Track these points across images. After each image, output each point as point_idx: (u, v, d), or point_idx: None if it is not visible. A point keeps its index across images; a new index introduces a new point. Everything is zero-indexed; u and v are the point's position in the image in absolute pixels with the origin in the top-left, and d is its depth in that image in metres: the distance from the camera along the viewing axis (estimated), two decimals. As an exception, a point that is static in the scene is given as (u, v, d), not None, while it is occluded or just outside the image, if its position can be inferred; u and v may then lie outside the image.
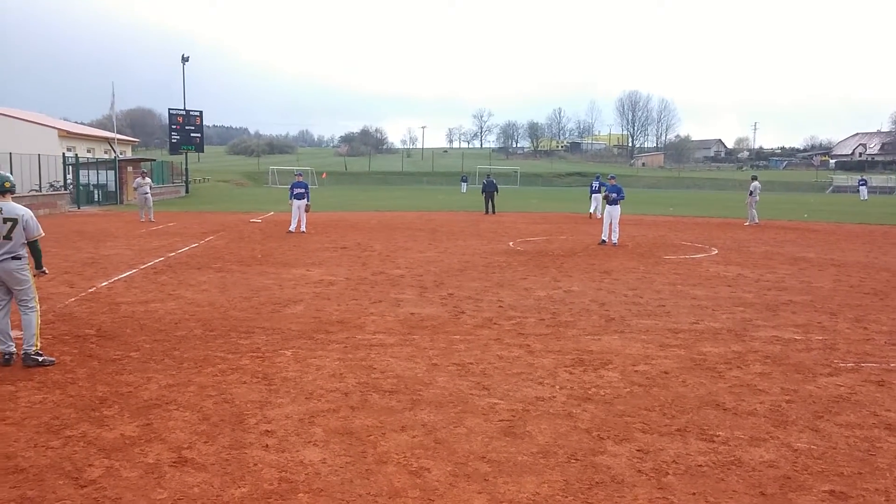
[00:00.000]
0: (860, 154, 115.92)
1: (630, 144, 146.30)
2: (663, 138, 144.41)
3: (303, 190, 20.51)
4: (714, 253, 16.66)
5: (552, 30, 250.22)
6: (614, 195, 17.91)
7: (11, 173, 27.96)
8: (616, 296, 10.57)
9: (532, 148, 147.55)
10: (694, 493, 4.11)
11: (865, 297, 10.80)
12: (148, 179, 25.58)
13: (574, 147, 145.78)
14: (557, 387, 6.08)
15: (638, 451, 4.73)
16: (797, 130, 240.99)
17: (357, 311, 9.12)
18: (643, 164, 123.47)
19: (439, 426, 5.08)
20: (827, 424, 5.26)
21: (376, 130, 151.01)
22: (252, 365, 6.57)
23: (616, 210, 17.83)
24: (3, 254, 6.40)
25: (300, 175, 21.61)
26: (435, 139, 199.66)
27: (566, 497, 4.03)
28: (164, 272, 12.39)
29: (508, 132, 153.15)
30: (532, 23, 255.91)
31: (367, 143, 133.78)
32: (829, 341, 7.84)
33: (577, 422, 5.25)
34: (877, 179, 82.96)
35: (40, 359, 6.44)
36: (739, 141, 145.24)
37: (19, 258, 6.48)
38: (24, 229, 6.43)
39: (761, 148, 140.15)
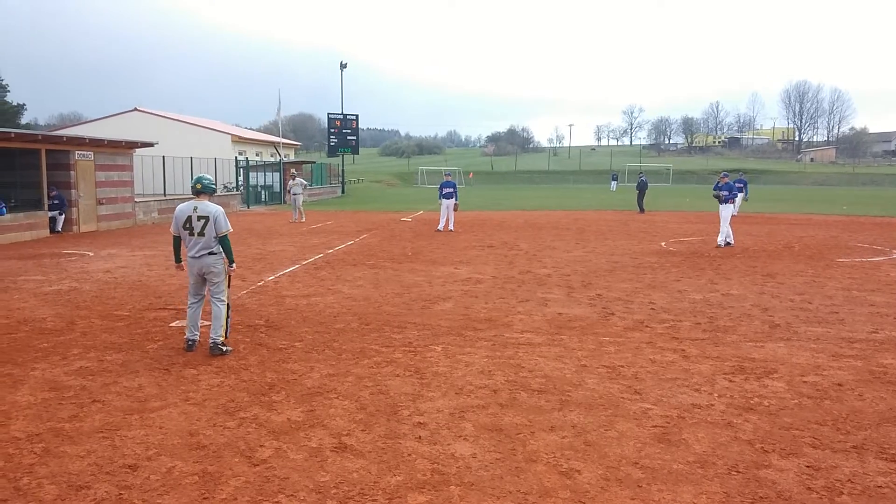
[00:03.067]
0: None
1: (797, 139, 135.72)
2: (835, 131, 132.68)
3: (451, 189, 20.95)
4: (896, 256, 15.08)
5: (708, 21, 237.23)
6: (725, 193, 16.71)
7: (192, 175, 30.63)
8: (781, 301, 9.87)
9: (686, 144, 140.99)
10: (874, 518, 3.77)
11: None
12: (299, 180, 26.20)
13: (733, 142, 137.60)
14: (716, 395, 5.78)
15: (807, 466, 4.40)
16: None
17: (504, 310, 9.18)
18: (811, 160, 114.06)
19: (589, 428, 5.00)
20: None
21: (522, 130, 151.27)
22: (405, 358, 6.82)
23: (725, 210, 16.61)
24: (199, 250, 6.99)
25: (449, 175, 22.09)
26: (582, 137, 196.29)
27: (726, 510, 3.83)
28: (324, 268, 13.14)
29: (660, 128, 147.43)
30: (688, 14, 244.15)
31: (513, 142, 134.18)
32: None
33: (739, 432, 4.96)
34: None
35: (224, 349, 7.03)
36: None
37: (214, 253, 7.02)
38: (214, 225, 6.96)
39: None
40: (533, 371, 6.39)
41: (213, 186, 7.20)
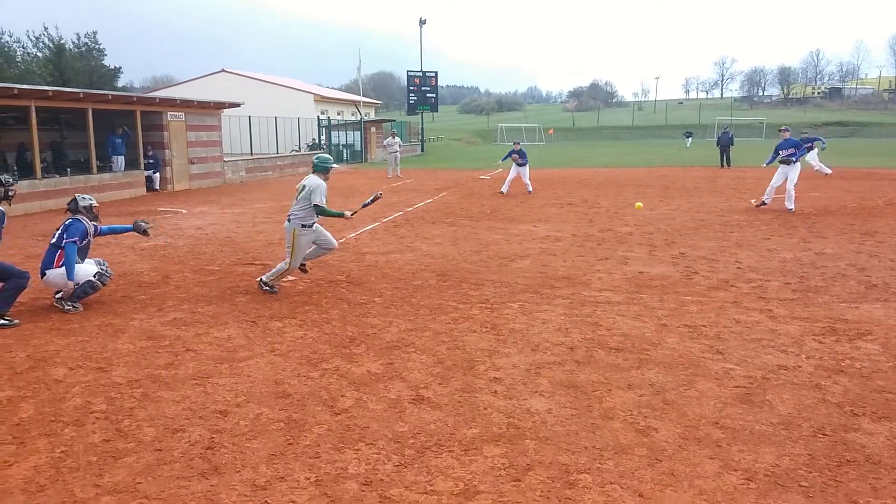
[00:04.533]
0: None
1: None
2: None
3: (517, 156, 19.62)
4: None
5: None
6: (791, 151, 14.48)
7: (277, 135, 31.34)
8: (880, 260, 9.32)
9: (782, 96, 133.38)
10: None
11: None
12: (398, 139, 28.14)
13: (834, 93, 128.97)
14: (804, 356, 5.57)
15: (901, 432, 4.20)
16: None
17: (583, 268, 9.08)
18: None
19: (668, 387, 4.93)
20: None
21: (606, 84, 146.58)
22: (481, 315, 6.88)
23: (792, 170, 14.42)
24: (289, 213, 7.76)
25: (518, 143, 20.89)
26: (670, 90, 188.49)
27: (811, 472, 3.72)
28: (403, 225, 13.31)
29: (754, 79, 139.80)
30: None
31: (595, 97, 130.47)
32: None
33: (827, 394, 4.78)
34: None
35: (265, 288, 7.86)
36: None
37: (290, 220, 7.69)
38: (310, 195, 7.57)
39: None
40: (611, 329, 6.32)
41: (324, 165, 7.83)
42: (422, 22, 52.00)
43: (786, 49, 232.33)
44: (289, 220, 7.69)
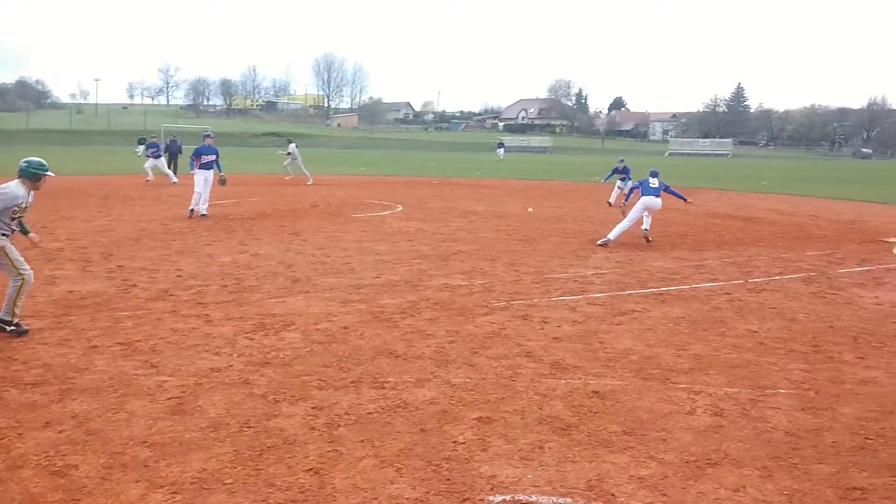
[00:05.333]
0: (523, 118, 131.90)
1: (326, 105, 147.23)
2: (357, 100, 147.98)
3: None
4: (399, 210, 17.60)
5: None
6: (212, 157, 15.26)
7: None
8: (304, 256, 10.59)
9: (225, 106, 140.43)
10: (362, 441, 4.30)
11: (519, 243, 12.35)
12: None
13: (270, 106, 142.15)
14: (235, 355, 5.88)
15: (313, 408, 4.79)
16: (474, 96, 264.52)
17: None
18: (339, 125, 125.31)
19: (94, 415, 4.57)
20: (480, 359, 5.89)
21: (37, 82, 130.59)
22: None
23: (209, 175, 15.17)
24: None
25: None
26: (114, 94, 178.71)
27: (235, 467, 3.92)
28: None
29: (199, 88, 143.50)
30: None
31: (24, 96, 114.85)
32: (487, 284, 8.79)
33: (254, 388, 5.14)
34: (534, 140, 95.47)
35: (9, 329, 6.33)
36: (426, 104, 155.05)
37: None
38: None
39: (444, 111, 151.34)
40: (27, 363, 5.55)
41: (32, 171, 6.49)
42: None
43: (227, 62, 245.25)
44: None
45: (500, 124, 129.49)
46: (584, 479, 3.89)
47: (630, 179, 18.41)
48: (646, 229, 12.68)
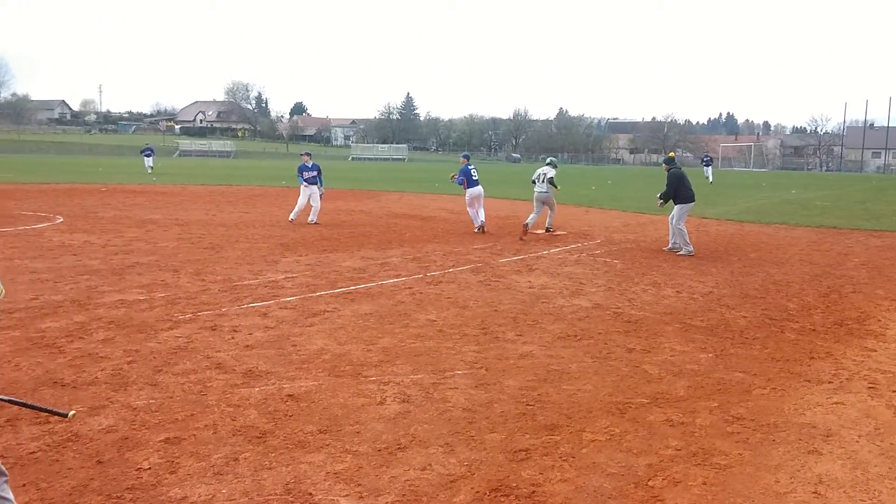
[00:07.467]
0: (201, 121, 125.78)
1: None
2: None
3: None
4: (59, 221, 15.54)
5: None
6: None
7: None
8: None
9: None
10: (24, 485, 3.73)
11: (205, 251, 11.78)
12: None
13: None
14: None
15: (-47, 460, 4.00)
16: (144, 96, 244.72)
17: None
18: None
19: None
20: (165, 376, 5.50)
21: None
22: None
23: None
24: None
25: None
26: None
27: None
28: None
29: None
30: None
31: None
32: (171, 297, 8.22)
33: None
34: (216, 144, 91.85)
35: None
36: (86, 103, 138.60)
37: None
38: None
39: (109, 111, 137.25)
40: None
41: None
42: None
43: None
44: None
45: (177, 127, 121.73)
46: (281, 483, 3.87)
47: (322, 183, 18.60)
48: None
